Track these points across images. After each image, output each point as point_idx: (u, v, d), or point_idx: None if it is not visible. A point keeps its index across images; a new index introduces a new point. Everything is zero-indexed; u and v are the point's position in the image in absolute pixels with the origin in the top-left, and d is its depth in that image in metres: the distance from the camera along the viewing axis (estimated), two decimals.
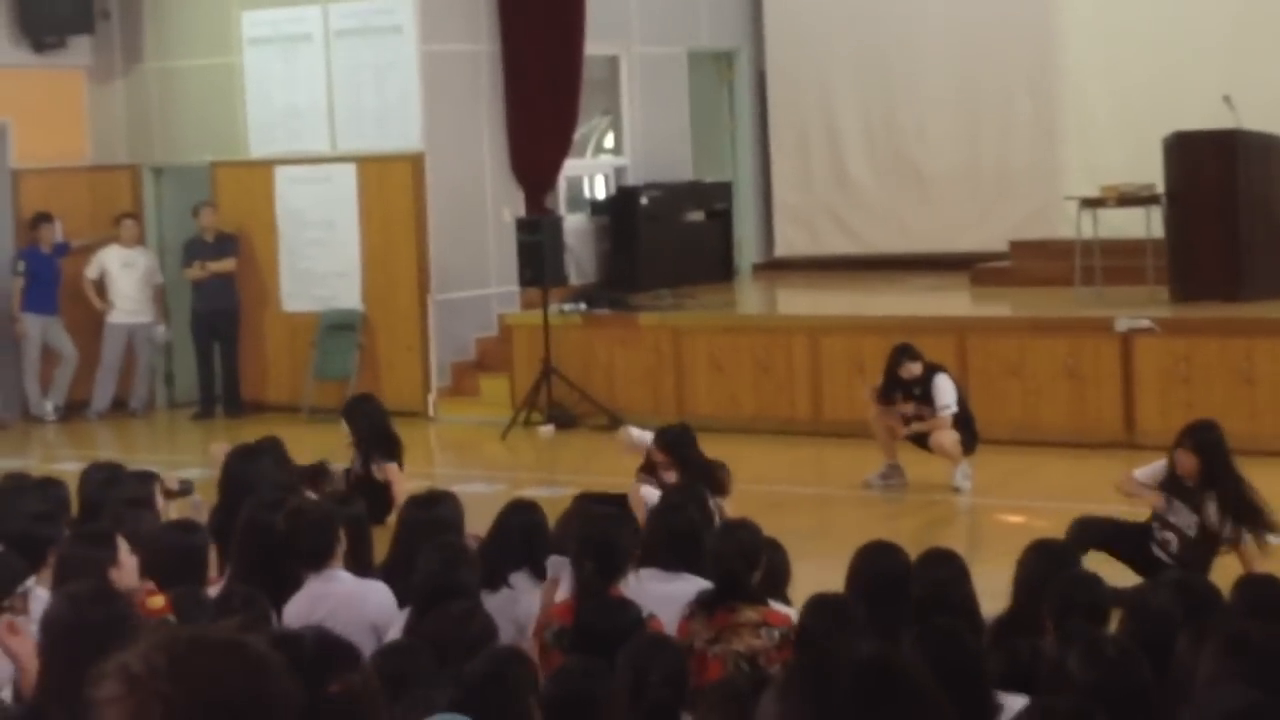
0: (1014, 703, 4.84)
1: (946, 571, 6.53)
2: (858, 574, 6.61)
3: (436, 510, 7.75)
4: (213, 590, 6.68)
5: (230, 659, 2.36)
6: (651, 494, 9.77)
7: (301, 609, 6.72)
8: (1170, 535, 9.34)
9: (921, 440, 12.46)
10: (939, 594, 6.30)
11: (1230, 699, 4.07)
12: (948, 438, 12.30)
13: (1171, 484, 9.39)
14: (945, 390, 12.39)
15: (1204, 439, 9.39)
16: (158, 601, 6.14)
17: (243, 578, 6.82)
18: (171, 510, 8.68)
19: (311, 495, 8.90)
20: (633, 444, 10.99)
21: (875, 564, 6.63)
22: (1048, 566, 6.48)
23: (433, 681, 5.08)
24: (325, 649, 2.94)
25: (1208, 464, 9.28)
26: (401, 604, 6.80)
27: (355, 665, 2.91)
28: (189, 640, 2.37)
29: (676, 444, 10.28)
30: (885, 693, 2.21)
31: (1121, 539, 9.36)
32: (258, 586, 6.32)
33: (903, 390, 12.51)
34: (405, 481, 11.56)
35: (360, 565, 7.48)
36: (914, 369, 12.49)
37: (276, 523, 7.13)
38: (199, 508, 9.17)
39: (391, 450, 11.88)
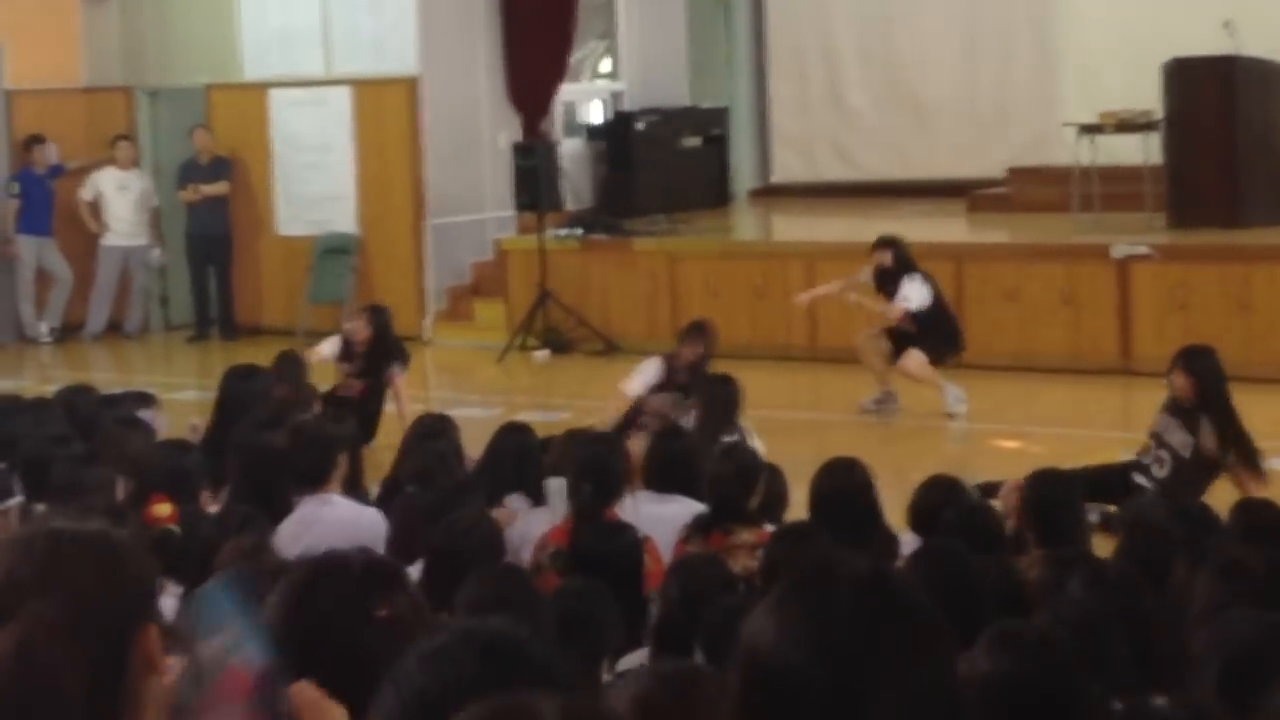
0: None
1: (953, 496, 6.56)
2: (818, 492, 6.63)
3: (442, 437, 7.75)
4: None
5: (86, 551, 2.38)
6: (665, 401, 9.84)
7: (292, 531, 6.71)
8: (1164, 454, 9.33)
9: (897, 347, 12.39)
10: (973, 521, 6.28)
11: (1245, 626, 4.06)
12: (912, 361, 12.20)
13: (1170, 405, 9.38)
14: (909, 289, 12.33)
15: (1200, 364, 9.38)
16: (164, 510, 6.14)
17: (241, 498, 6.81)
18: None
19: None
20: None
21: (834, 481, 6.64)
22: (1047, 492, 6.49)
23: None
24: (372, 572, 2.93)
25: (1203, 388, 9.27)
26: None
27: (402, 588, 2.89)
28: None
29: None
30: (885, 607, 2.22)
31: (1100, 485, 9.27)
32: (256, 506, 6.30)
33: (879, 283, 12.50)
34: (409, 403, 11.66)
35: (353, 488, 7.47)
36: (882, 257, 12.45)
37: (273, 441, 7.12)
38: (196, 430, 9.16)
39: (404, 360, 12.00)
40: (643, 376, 10.87)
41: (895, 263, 12.46)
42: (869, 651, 2.17)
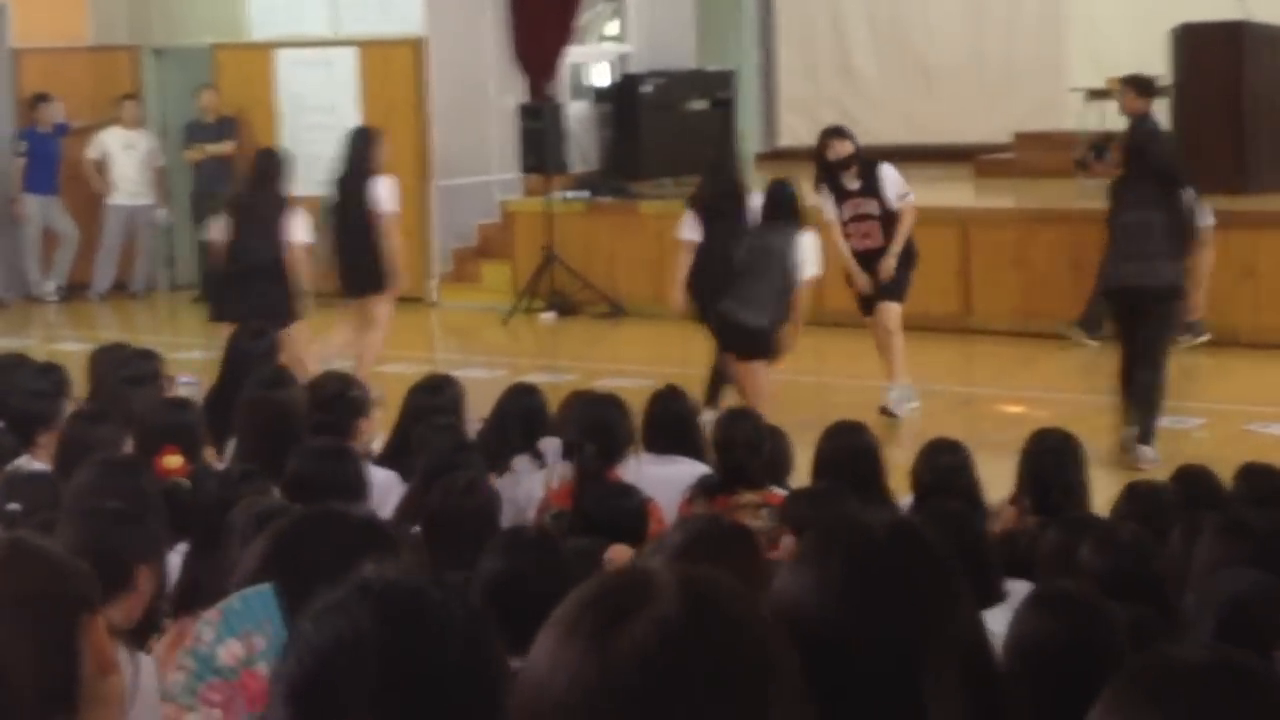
0: (1019, 588, 4.87)
1: (951, 459, 6.55)
2: (823, 454, 6.65)
3: (441, 396, 7.73)
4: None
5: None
6: None
7: None
8: None
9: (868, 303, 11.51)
10: (945, 480, 6.32)
11: (1233, 580, 4.09)
12: (895, 316, 11.34)
13: None
14: (895, 179, 11.37)
15: None
16: (174, 461, 6.14)
17: (247, 456, 6.80)
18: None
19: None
20: None
21: (841, 442, 6.67)
22: (1050, 456, 6.50)
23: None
24: (370, 529, 2.98)
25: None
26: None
27: (394, 551, 2.95)
28: None
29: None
30: (922, 558, 2.24)
31: None
32: (262, 465, 6.29)
33: (835, 183, 11.50)
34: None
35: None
36: (842, 148, 11.35)
37: (283, 399, 7.11)
38: (194, 387, 9.15)
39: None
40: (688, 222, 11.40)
41: (857, 151, 11.46)
42: (911, 602, 2.18)
